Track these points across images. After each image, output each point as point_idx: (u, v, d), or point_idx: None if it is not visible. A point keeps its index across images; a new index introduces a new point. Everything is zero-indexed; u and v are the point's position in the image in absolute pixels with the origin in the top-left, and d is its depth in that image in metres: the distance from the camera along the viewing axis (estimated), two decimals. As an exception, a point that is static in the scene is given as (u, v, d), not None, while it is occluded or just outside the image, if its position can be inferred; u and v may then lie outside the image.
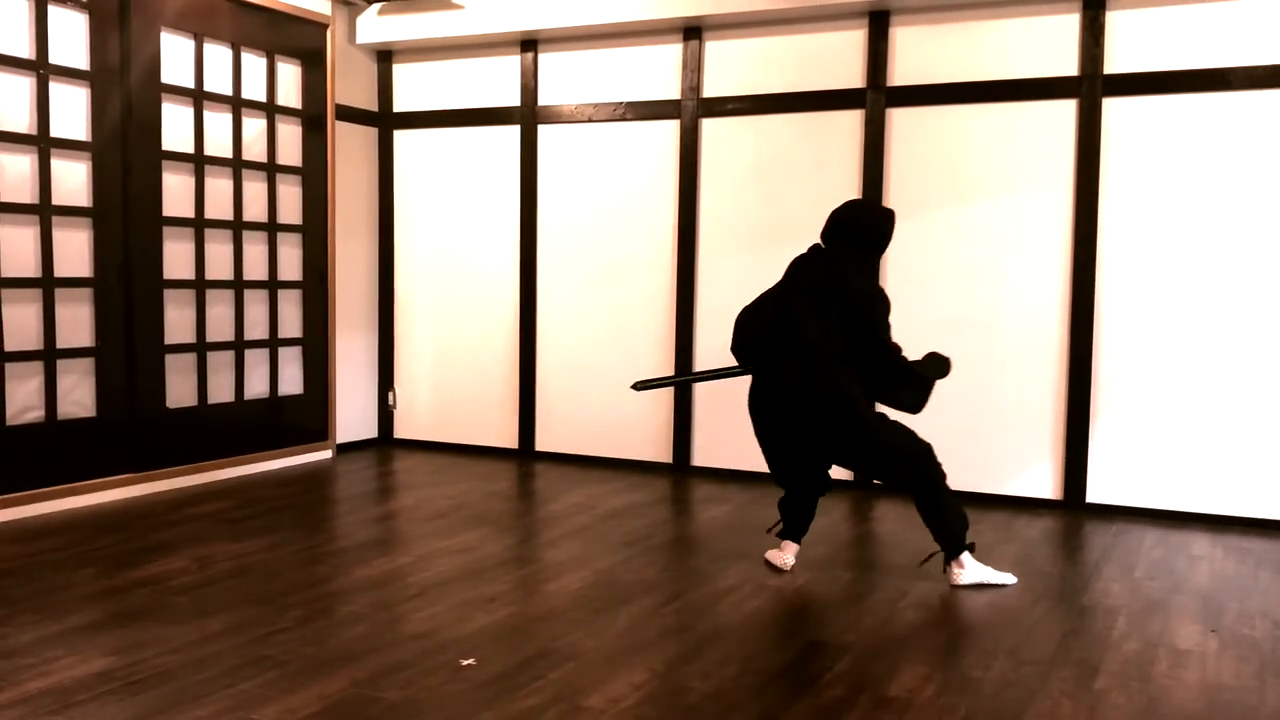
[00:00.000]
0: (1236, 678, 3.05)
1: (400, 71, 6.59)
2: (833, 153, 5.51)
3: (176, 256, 5.37)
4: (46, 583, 3.76)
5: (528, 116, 6.24)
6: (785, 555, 4.09)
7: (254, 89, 5.72)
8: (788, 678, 3.01)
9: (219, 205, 5.57)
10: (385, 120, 6.61)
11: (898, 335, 3.94)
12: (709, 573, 4.03)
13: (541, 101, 6.21)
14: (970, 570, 3.86)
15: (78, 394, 4.97)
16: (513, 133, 6.29)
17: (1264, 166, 4.77)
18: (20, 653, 3.09)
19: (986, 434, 5.23)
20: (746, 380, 4.11)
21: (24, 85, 4.71)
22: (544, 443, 6.33)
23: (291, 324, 6.02)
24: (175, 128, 5.33)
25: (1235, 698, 2.91)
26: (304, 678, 2.94)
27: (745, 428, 5.76)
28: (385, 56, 6.60)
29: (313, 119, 6.04)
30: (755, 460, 5.77)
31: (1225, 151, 4.84)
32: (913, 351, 3.97)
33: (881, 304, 3.89)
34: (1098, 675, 3.04)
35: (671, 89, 5.88)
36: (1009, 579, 3.91)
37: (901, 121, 5.38)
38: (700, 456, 5.92)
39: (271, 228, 5.85)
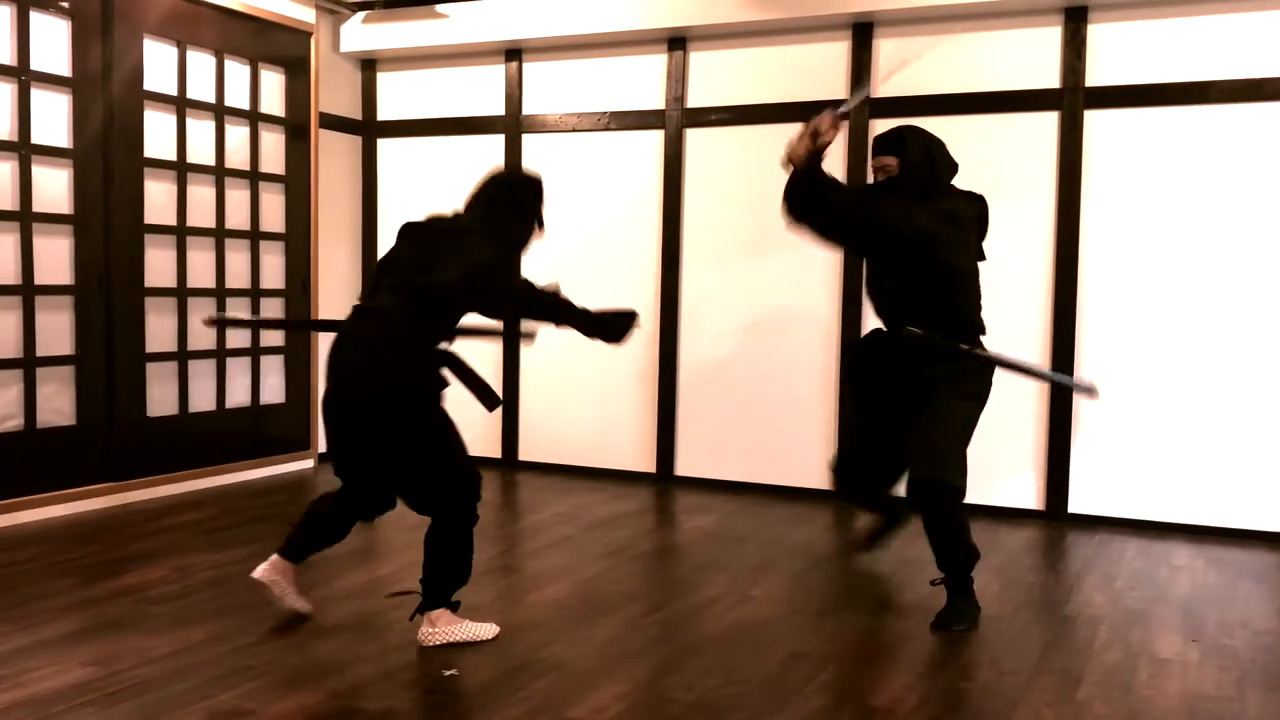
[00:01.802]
0: (1217, 687, 3.06)
1: (384, 80, 6.58)
2: (816, 163, 5.52)
3: (158, 264, 5.34)
4: (23, 593, 3.72)
5: (512, 126, 6.24)
6: None
7: (237, 97, 5.70)
8: (771, 688, 3.00)
9: (201, 213, 5.55)
10: (369, 129, 6.60)
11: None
12: (692, 583, 4.02)
13: (526, 111, 6.21)
14: (443, 630, 3.26)
15: (57, 402, 4.93)
16: (497, 142, 6.28)
17: (1242, 178, 4.81)
18: (-4, 664, 3.06)
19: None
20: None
21: (5, 91, 4.68)
22: (527, 453, 6.31)
23: (274, 333, 5.98)
24: (158, 135, 5.31)
25: (1216, 707, 2.92)
26: (284, 689, 2.91)
27: (730, 436, 5.80)
28: (369, 65, 6.59)
29: (296, 127, 6.02)
30: (739, 470, 5.81)
31: (1205, 163, 4.87)
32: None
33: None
34: (1080, 685, 3.05)
35: (656, 99, 5.89)
36: (487, 633, 3.32)
37: (885, 133, 5.40)
38: (684, 466, 5.91)
39: (254, 236, 5.82)
